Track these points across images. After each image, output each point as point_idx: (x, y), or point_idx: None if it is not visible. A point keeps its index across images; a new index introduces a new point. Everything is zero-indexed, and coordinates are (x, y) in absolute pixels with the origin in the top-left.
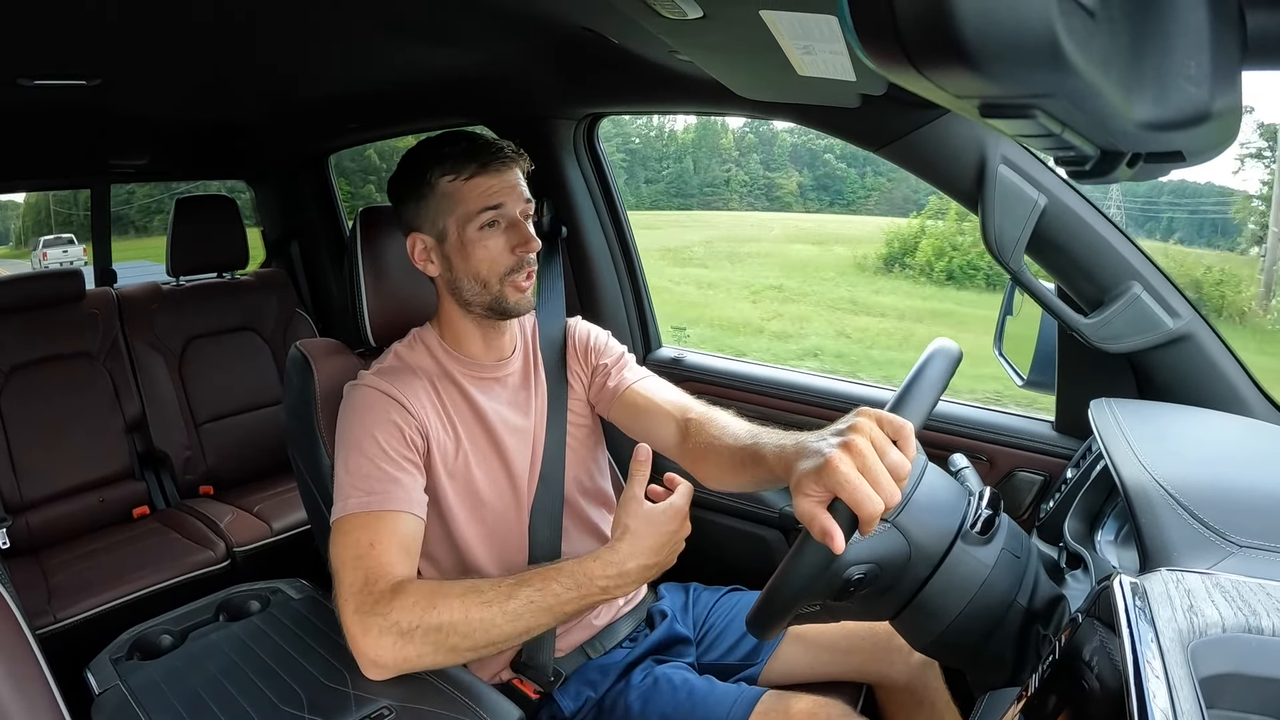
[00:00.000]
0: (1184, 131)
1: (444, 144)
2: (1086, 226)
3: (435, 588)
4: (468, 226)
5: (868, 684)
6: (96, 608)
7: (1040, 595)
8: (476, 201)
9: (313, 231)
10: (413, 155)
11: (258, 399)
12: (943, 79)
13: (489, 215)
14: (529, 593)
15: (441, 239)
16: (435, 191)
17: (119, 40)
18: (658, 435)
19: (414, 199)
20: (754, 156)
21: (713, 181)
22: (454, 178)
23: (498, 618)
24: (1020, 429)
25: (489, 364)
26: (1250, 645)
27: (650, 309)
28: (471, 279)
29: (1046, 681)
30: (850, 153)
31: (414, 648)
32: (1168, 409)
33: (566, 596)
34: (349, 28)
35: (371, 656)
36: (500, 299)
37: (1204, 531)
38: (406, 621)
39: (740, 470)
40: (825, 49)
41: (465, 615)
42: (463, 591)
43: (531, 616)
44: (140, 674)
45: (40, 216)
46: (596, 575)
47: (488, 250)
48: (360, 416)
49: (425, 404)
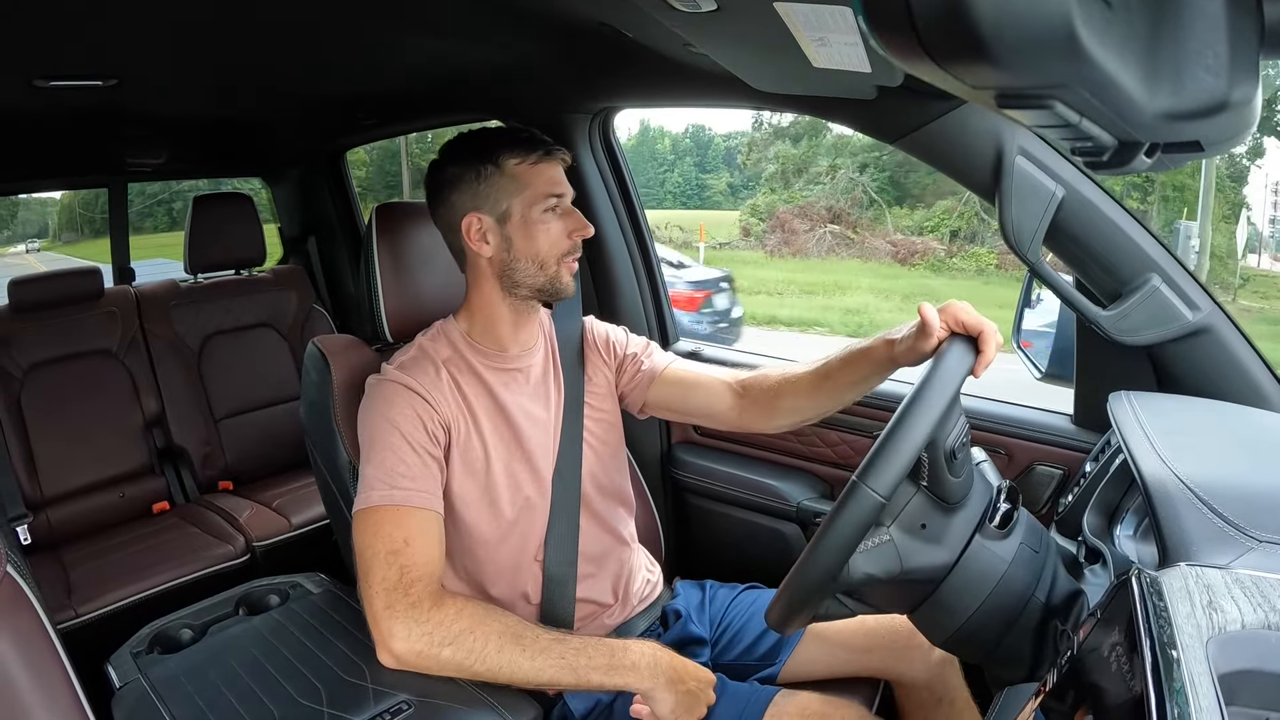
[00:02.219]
0: (1202, 121)
1: (508, 131)
2: (1104, 218)
3: (481, 613)
4: (533, 208)
5: (886, 681)
6: (117, 602)
7: (1058, 590)
8: (543, 186)
9: (330, 228)
10: (473, 139)
11: (276, 395)
12: (960, 70)
13: (553, 201)
14: (563, 649)
15: (504, 220)
16: (502, 173)
17: (134, 41)
18: (711, 402)
19: (475, 180)
20: (688, 160)
21: (648, 184)
22: (521, 161)
23: (524, 663)
24: (1039, 422)
25: (513, 354)
26: (1270, 642)
27: (667, 303)
28: (530, 259)
29: (1064, 677)
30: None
31: (440, 661)
32: (1187, 402)
33: (597, 662)
34: (365, 25)
35: (398, 654)
36: (555, 279)
37: (1224, 526)
38: (442, 635)
39: (823, 384)
40: (840, 40)
41: (499, 650)
42: (502, 630)
43: (556, 671)
44: (160, 668)
45: (73, 214)
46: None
47: (549, 232)
48: (384, 410)
49: (448, 397)
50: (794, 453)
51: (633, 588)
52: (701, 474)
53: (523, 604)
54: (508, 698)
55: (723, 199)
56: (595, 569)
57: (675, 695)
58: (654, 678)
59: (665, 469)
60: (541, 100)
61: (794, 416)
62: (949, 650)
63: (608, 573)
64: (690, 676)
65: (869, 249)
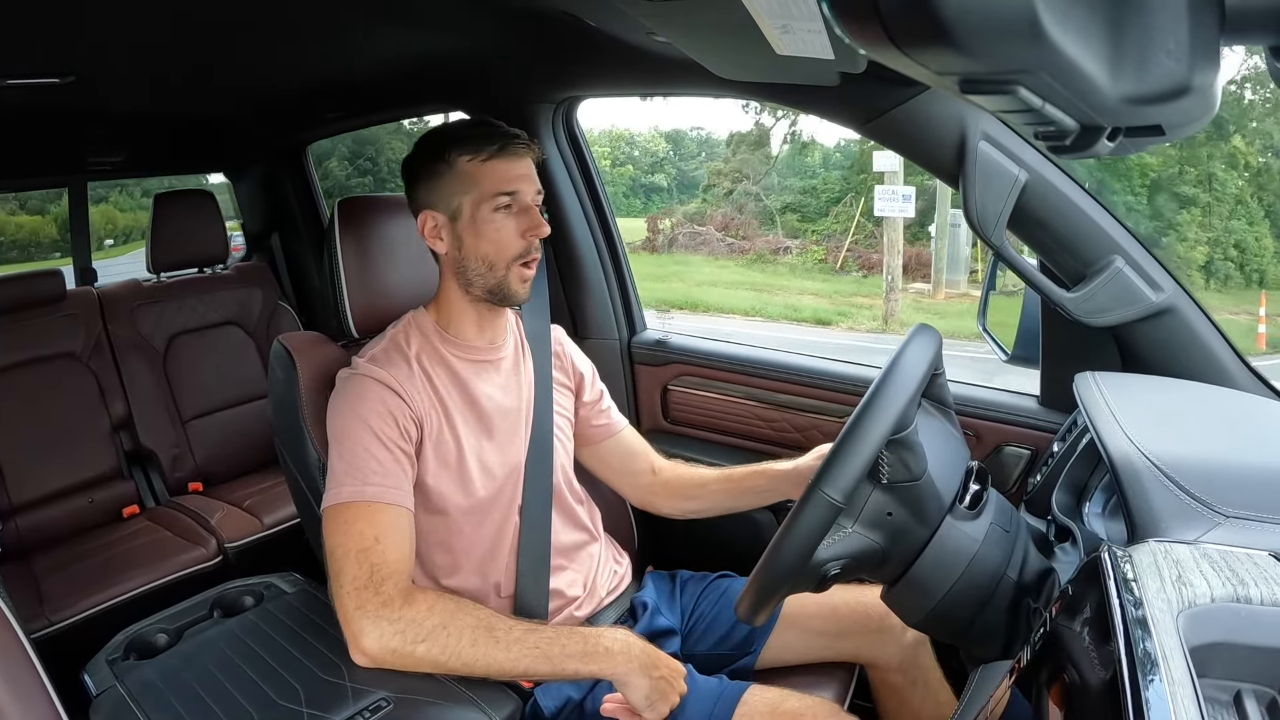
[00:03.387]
0: (1164, 105)
1: (465, 126)
2: (1067, 201)
3: (453, 608)
4: (482, 207)
5: (861, 665)
6: (90, 609)
7: (1030, 568)
8: (493, 184)
9: (293, 223)
10: (432, 135)
11: (243, 394)
12: (923, 56)
13: (504, 199)
14: (537, 639)
15: (454, 217)
16: (453, 170)
17: (92, 37)
18: (636, 474)
19: (429, 176)
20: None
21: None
22: (472, 158)
23: (499, 654)
24: (1006, 404)
25: (481, 347)
26: (1239, 614)
27: (634, 292)
28: (479, 260)
29: (1038, 654)
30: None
31: (415, 658)
32: (1152, 381)
33: (571, 649)
34: (324, 15)
35: (371, 653)
36: (504, 283)
37: (1191, 502)
38: (415, 632)
39: (726, 486)
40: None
41: (474, 644)
42: (475, 624)
43: (531, 661)
44: (137, 674)
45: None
46: (591, 638)
47: (499, 233)
48: (355, 405)
49: (420, 390)
50: (764, 438)
51: (600, 580)
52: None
53: (495, 597)
54: (487, 692)
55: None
56: (566, 561)
57: (649, 682)
58: (628, 664)
59: None
60: (505, 90)
61: (692, 511)
62: (923, 630)
63: (577, 565)
64: (663, 665)
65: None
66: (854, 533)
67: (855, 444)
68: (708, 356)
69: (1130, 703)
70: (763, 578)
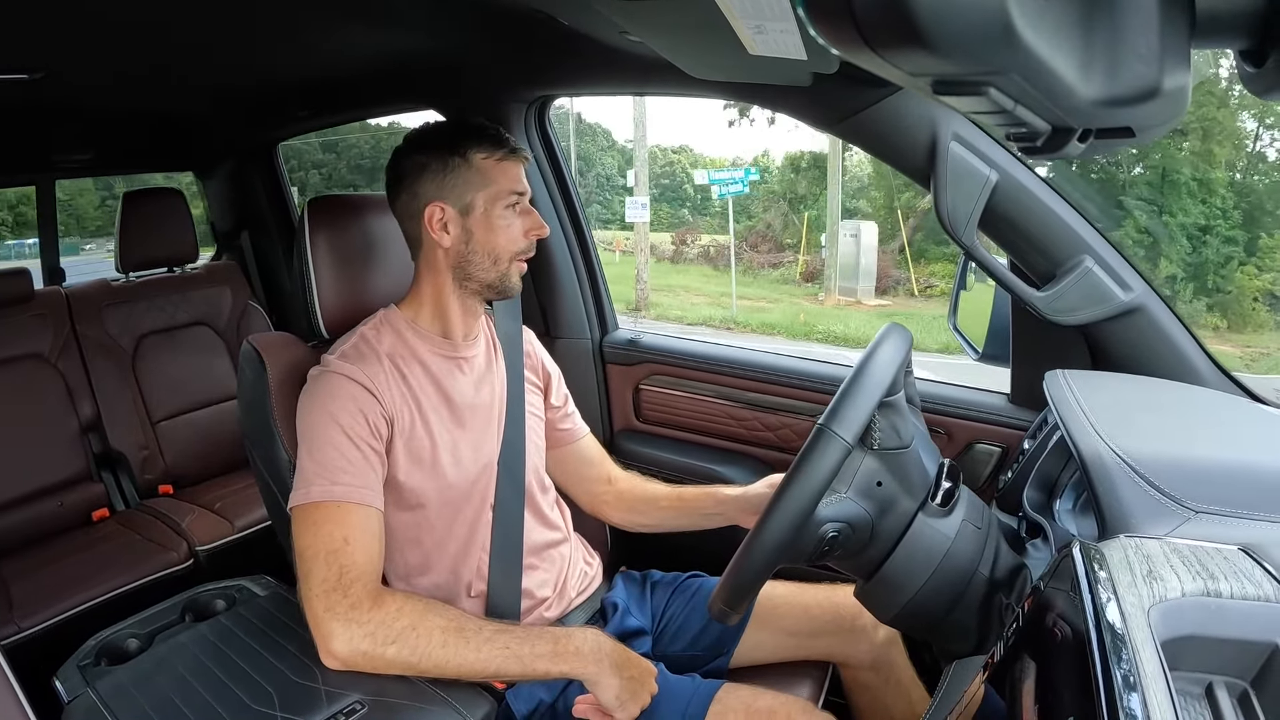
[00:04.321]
0: (1134, 108)
1: (475, 126)
2: (1037, 201)
3: (422, 609)
4: (497, 204)
5: (834, 664)
6: (61, 614)
7: (1002, 565)
8: (508, 183)
9: (263, 222)
10: (441, 130)
11: (213, 395)
12: (897, 57)
13: (515, 198)
14: (507, 639)
15: (466, 212)
16: (469, 165)
17: (61, 32)
18: (591, 481)
19: (441, 171)
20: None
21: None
22: (488, 156)
23: (470, 655)
24: (976, 402)
25: (457, 343)
26: (1209, 608)
27: (606, 291)
28: (487, 253)
29: (1011, 649)
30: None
31: (385, 660)
32: (1121, 379)
33: (541, 650)
34: (295, 13)
35: (341, 656)
36: (506, 276)
37: (1160, 498)
38: (384, 635)
39: (678, 505)
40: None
41: (444, 645)
42: (445, 625)
43: (502, 661)
44: (109, 680)
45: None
46: (559, 640)
47: (509, 229)
48: (325, 403)
49: (392, 387)
50: (736, 437)
51: (571, 580)
52: (644, 461)
53: (466, 597)
54: (461, 694)
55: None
56: (537, 560)
57: (620, 680)
58: (598, 663)
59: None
60: (477, 89)
61: (641, 525)
62: (896, 626)
63: (548, 565)
64: (633, 664)
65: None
66: (849, 498)
67: (864, 384)
68: (679, 356)
69: (1103, 697)
70: (761, 535)
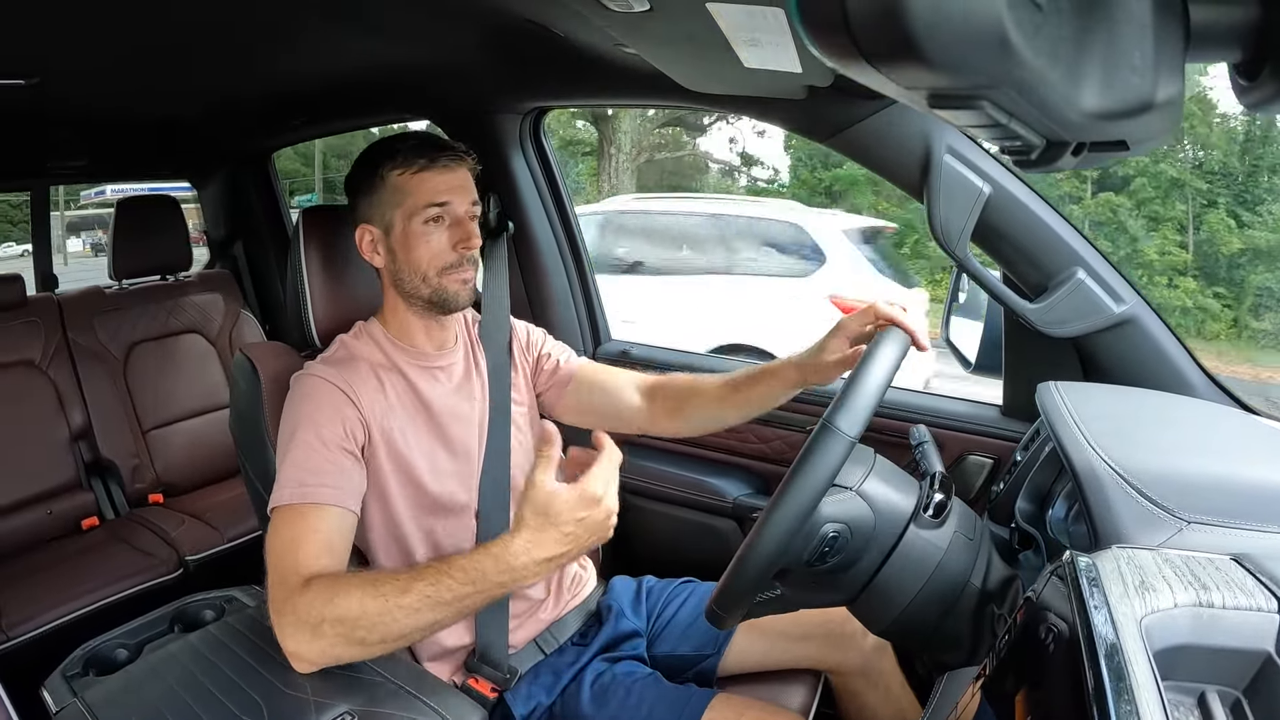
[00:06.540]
0: (1128, 121)
1: (397, 140)
2: (1030, 214)
3: (335, 580)
4: (413, 220)
5: (825, 673)
6: (49, 624)
7: (994, 576)
8: (423, 196)
9: (257, 231)
10: (368, 151)
11: (205, 403)
12: (893, 71)
13: (434, 211)
14: (422, 587)
15: (388, 231)
16: (385, 184)
17: (57, 38)
18: (620, 405)
19: (365, 192)
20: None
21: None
22: (402, 171)
23: (395, 611)
24: (969, 414)
25: (431, 354)
26: (1202, 618)
27: (599, 303)
28: (412, 272)
29: (1004, 660)
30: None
31: (325, 641)
32: (1113, 391)
33: (463, 591)
34: (290, 21)
35: (291, 650)
36: (440, 291)
37: (1153, 509)
38: (311, 615)
39: (731, 396)
40: (771, 41)
41: (363, 608)
42: (360, 584)
43: (431, 611)
44: (97, 690)
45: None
46: (490, 571)
47: (429, 245)
48: (301, 405)
49: (371, 394)
50: (729, 449)
51: (564, 584)
52: (638, 472)
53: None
54: (451, 702)
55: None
56: None
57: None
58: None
59: None
60: (472, 100)
61: (700, 423)
62: (888, 638)
63: None
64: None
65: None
66: (855, 494)
67: (866, 381)
68: (673, 367)
69: (1096, 708)
70: (764, 531)
